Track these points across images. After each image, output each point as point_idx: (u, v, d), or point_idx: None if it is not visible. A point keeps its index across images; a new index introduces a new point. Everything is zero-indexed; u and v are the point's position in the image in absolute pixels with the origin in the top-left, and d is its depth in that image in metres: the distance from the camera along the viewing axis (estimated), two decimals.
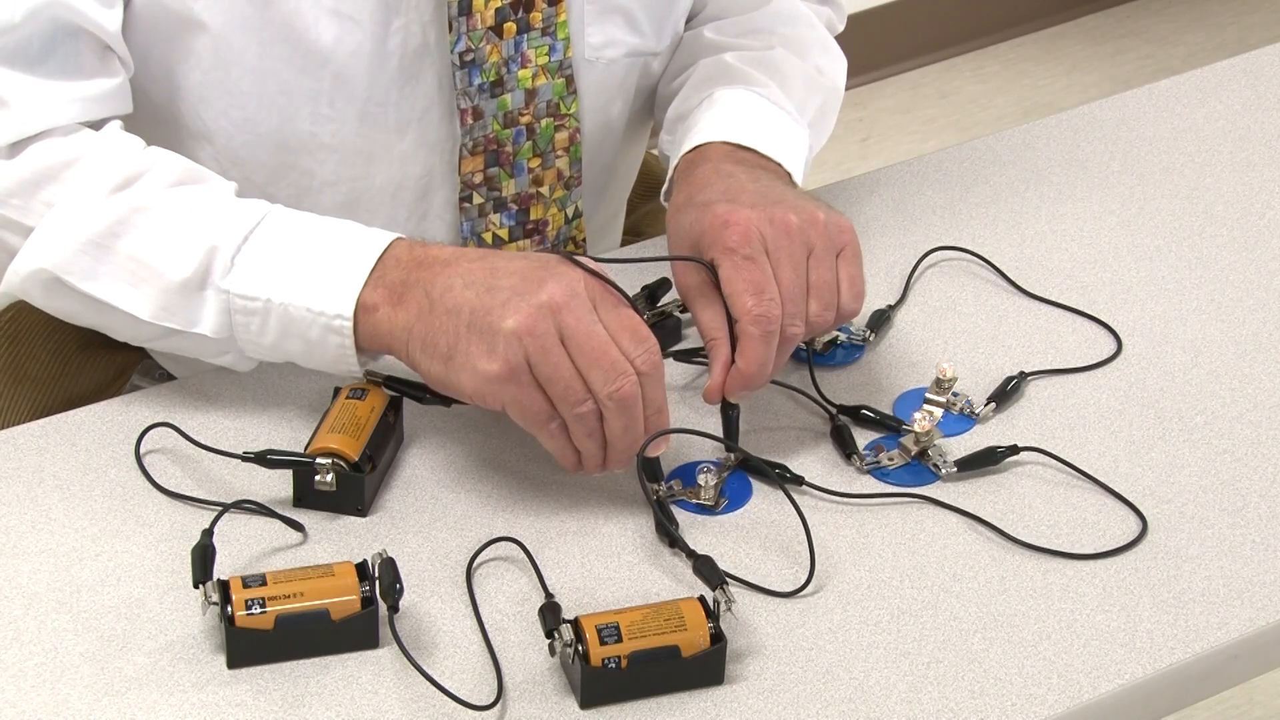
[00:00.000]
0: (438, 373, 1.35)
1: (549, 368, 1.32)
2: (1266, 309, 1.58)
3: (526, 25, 1.54)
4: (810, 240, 1.43)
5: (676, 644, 1.24)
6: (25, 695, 1.23)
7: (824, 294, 1.43)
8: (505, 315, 1.32)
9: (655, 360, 1.34)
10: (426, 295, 1.36)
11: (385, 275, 1.38)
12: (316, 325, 1.39)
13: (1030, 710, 1.25)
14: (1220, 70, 1.88)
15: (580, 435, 1.34)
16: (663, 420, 1.36)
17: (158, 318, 1.42)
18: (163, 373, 1.67)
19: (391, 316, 1.37)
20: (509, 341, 1.32)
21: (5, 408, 1.67)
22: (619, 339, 1.33)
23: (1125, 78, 3.67)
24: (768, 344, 1.40)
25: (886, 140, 3.52)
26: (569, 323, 1.32)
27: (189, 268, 1.40)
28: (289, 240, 1.41)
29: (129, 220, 1.41)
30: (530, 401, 1.33)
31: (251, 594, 1.25)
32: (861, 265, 1.45)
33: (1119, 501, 1.40)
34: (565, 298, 1.32)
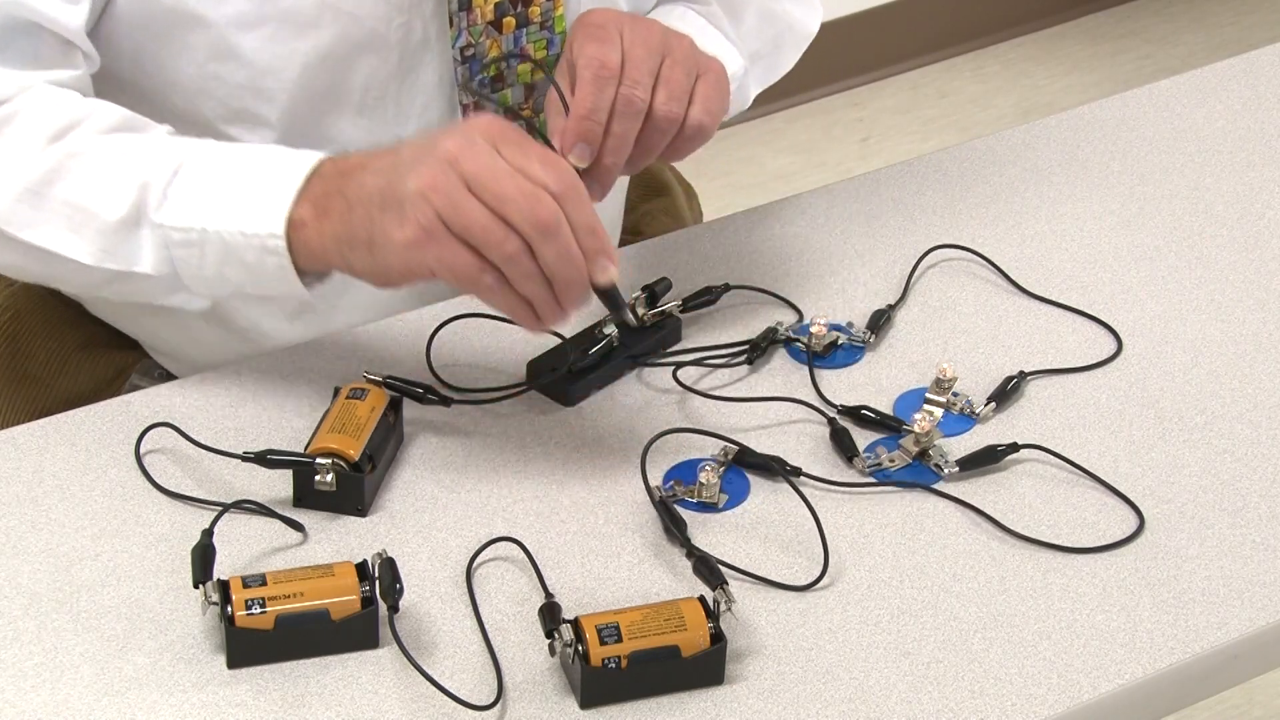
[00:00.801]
0: (366, 264, 1.35)
1: (461, 216, 1.30)
2: (1266, 309, 1.58)
3: (525, 20, 1.54)
4: (671, 45, 1.43)
5: (676, 644, 1.24)
6: (25, 695, 1.23)
7: (674, 88, 1.42)
8: (407, 181, 1.32)
9: (569, 180, 1.32)
10: (344, 198, 1.36)
11: (312, 190, 1.38)
12: (252, 248, 1.39)
13: (1030, 710, 1.25)
14: (1220, 70, 1.88)
15: (519, 279, 1.32)
16: (598, 240, 1.33)
17: (99, 260, 1.42)
18: (162, 372, 1.67)
19: (320, 228, 1.37)
20: (415, 203, 1.31)
21: (4, 407, 1.67)
22: (527, 169, 1.31)
23: (1125, 78, 3.67)
24: (600, 89, 1.39)
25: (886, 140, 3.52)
26: (470, 168, 1.31)
27: (123, 206, 1.40)
28: (219, 169, 1.41)
29: (63, 167, 1.41)
30: (455, 258, 1.31)
31: (251, 594, 1.25)
32: (723, 98, 1.45)
33: (1119, 499, 1.40)
34: (461, 146, 1.31)
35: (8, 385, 1.68)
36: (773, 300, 1.57)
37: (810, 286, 1.59)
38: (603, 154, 1.42)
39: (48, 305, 1.69)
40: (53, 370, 1.68)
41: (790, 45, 1.69)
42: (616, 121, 1.41)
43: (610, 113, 1.41)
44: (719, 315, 1.56)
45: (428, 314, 1.54)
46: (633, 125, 1.42)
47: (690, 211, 1.90)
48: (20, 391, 1.68)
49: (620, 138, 1.41)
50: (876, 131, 3.54)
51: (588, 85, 1.40)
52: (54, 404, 1.65)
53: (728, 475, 1.41)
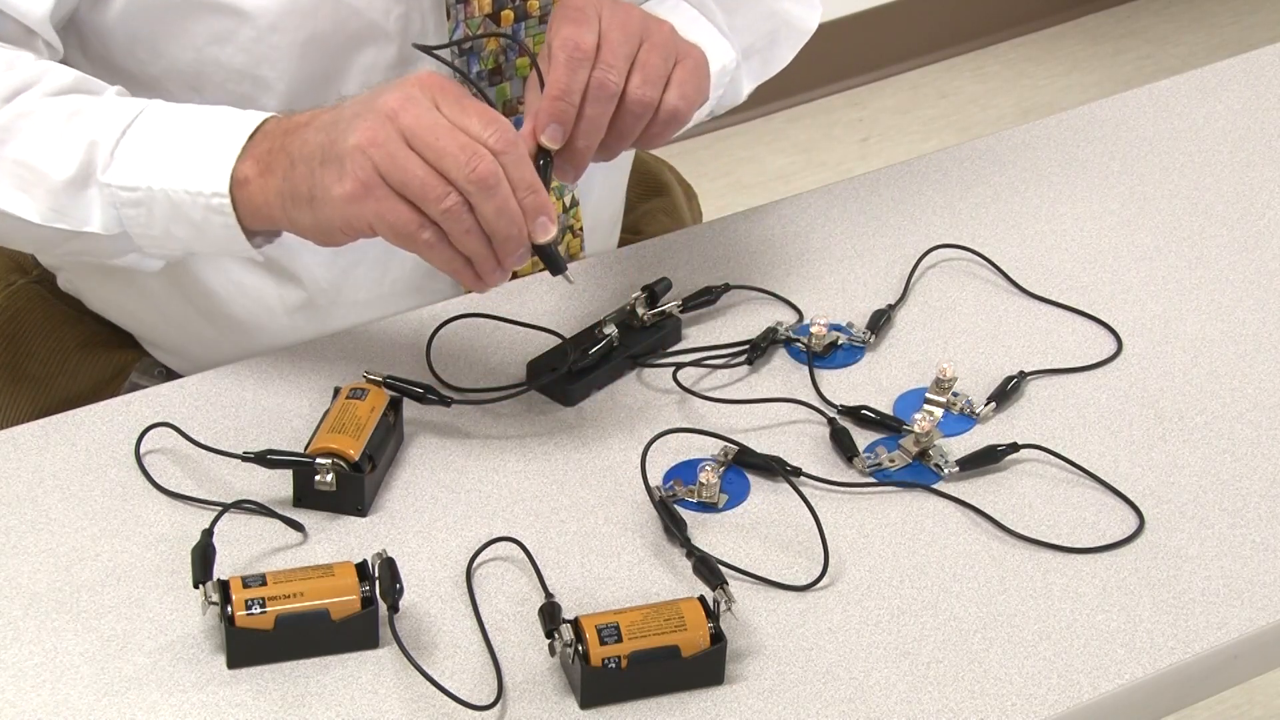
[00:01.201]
0: (309, 221, 1.36)
1: (399, 171, 1.31)
2: (1266, 309, 1.58)
3: (524, 13, 1.54)
4: (649, 30, 1.44)
5: (676, 644, 1.24)
6: (25, 695, 1.23)
7: (649, 73, 1.43)
8: (347, 137, 1.32)
9: (509, 137, 1.32)
10: (287, 155, 1.37)
11: (256, 148, 1.39)
12: (197, 206, 1.39)
13: (1030, 710, 1.25)
14: (1220, 70, 1.88)
15: (458, 234, 1.32)
16: (540, 200, 1.33)
17: (48, 219, 1.42)
18: (162, 370, 1.67)
19: (263, 186, 1.38)
20: (354, 158, 1.32)
21: (4, 406, 1.67)
22: (466, 126, 1.32)
23: (1125, 78, 3.67)
24: (573, 71, 1.39)
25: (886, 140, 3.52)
26: (408, 123, 1.31)
27: (72, 166, 1.41)
28: (166, 128, 1.41)
29: (13, 126, 1.42)
30: (394, 213, 1.32)
31: (251, 594, 1.25)
32: (699, 85, 1.45)
33: (1119, 499, 1.40)
34: (401, 101, 1.32)
35: (7, 385, 1.68)
36: (773, 300, 1.57)
37: (810, 286, 1.59)
38: (575, 136, 1.41)
39: (47, 304, 1.70)
40: (52, 370, 1.68)
41: (786, 41, 1.69)
42: (589, 104, 1.41)
43: (584, 95, 1.41)
44: (719, 315, 1.56)
45: (428, 314, 1.54)
46: (605, 108, 1.41)
47: (690, 211, 1.90)
48: (20, 391, 1.68)
49: (593, 120, 1.41)
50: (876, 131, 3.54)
51: (561, 67, 1.40)
52: (54, 403, 1.65)
53: (728, 475, 1.41)
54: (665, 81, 1.43)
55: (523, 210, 1.33)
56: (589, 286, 1.58)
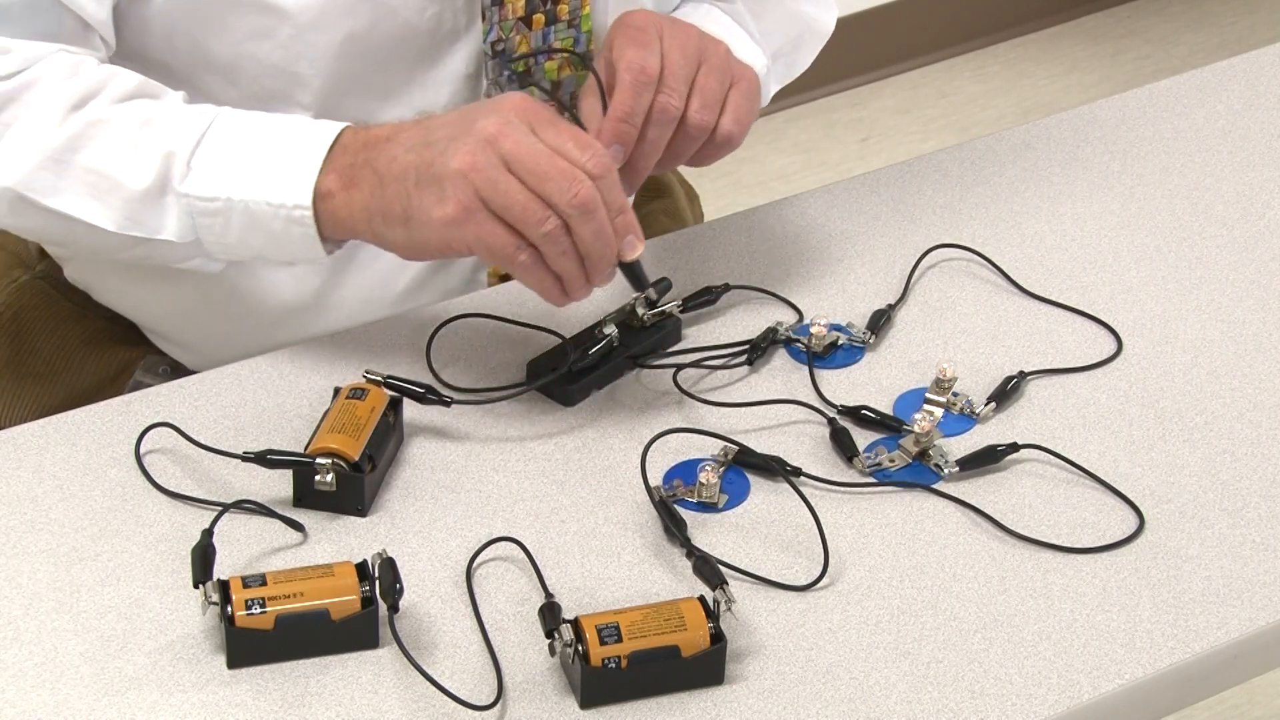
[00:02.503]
0: (402, 239, 1.38)
1: (501, 196, 1.34)
2: (1266, 309, 1.58)
3: (554, 17, 1.56)
4: (706, 52, 1.47)
5: (676, 644, 1.24)
6: (25, 695, 1.23)
7: (707, 97, 1.46)
8: (447, 160, 1.35)
9: (604, 162, 1.36)
10: (374, 171, 1.39)
11: (336, 161, 1.41)
12: (278, 218, 1.41)
13: (1030, 710, 1.25)
14: (1220, 70, 1.88)
15: (554, 256, 1.35)
16: (629, 221, 1.37)
17: (122, 227, 1.44)
18: (166, 368, 1.67)
19: (348, 200, 1.40)
20: (455, 182, 1.34)
21: (8, 403, 1.67)
22: (563, 150, 1.35)
23: (1125, 78, 3.67)
24: (638, 94, 1.43)
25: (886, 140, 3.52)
26: (509, 148, 1.34)
27: (148, 176, 1.42)
28: (241, 138, 1.43)
29: (86, 134, 1.43)
30: (493, 236, 1.35)
31: (251, 594, 1.25)
32: (754, 108, 1.49)
33: (1119, 499, 1.40)
34: (500, 126, 1.35)
35: (11, 382, 1.68)
36: (773, 300, 1.57)
37: (810, 286, 1.59)
38: (635, 157, 1.46)
39: (51, 300, 1.70)
40: (56, 367, 1.68)
41: (809, 44, 1.72)
42: (651, 127, 1.45)
43: (646, 118, 1.45)
44: (719, 315, 1.56)
45: (428, 314, 1.54)
46: (666, 131, 1.45)
47: (692, 213, 1.90)
48: (24, 388, 1.68)
49: (653, 143, 1.45)
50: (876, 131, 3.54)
51: (627, 90, 1.44)
52: (57, 401, 1.65)
53: (728, 475, 1.41)
54: (721, 104, 1.47)
55: (614, 230, 1.36)
56: None
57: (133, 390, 1.60)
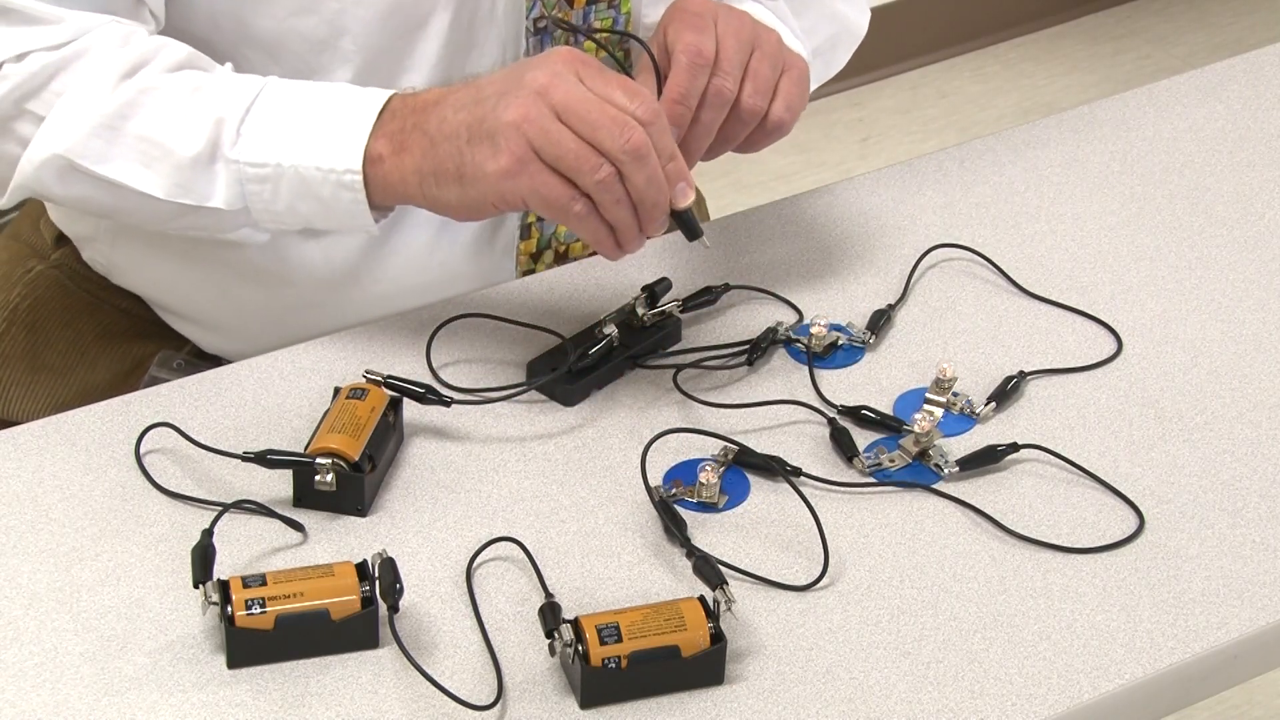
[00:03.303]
0: (456, 197, 1.40)
1: (554, 145, 1.35)
2: (1266, 309, 1.58)
3: None
4: (760, 39, 1.48)
5: (676, 644, 1.24)
6: (25, 695, 1.23)
7: (760, 83, 1.48)
8: (499, 114, 1.36)
9: (654, 108, 1.37)
10: (424, 134, 1.40)
11: (386, 126, 1.42)
12: (328, 183, 1.42)
13: (1030, 710, 1.25)
14: (1220, 70, 1.88)
15: (609, 204, 1.37)
16: (680, 168, 1.39)
17: (172, 194, 1.45)
18: (181, 362, 1.67)
19: (399, 164, 1.41)
20: (508, 134, 1.36)
21: (23, 396, 1.68)
22: (612, 98, 1.36)
23: (1125, 78, 3.67)
24: (694, 77, 1.45)
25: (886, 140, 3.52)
26: (559, 99, 1.35)
27: (198, 143, 1.43)
28: (291, 105, 1.44)
29: (137, 101, 1.44)
30: (548, 186, 1.36)
31: (251, 594, 1.25)
32: (804, 95, 1.50)
33: (1119, 499, 1.40)
34: (549, 78, 1.36)
35: (26, 374, 1.68)
36: (773, 300, 1.57)
37: (810, 286, 1.59)
38: (688, 139, 1.47)
39: (66, 292, 1.69)
40: (71, 360, 1.68)
41: (845, 44, 1.74)
42: (705, 110, 1.46)
43: (700, 101, 1.46)
44: (719, 315, 1.56)
45: (427, 314, 1.54)
46: (720, 114, 1.47)
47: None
48: (38, 381, 1.68)
49: (706, 125, 1.47)
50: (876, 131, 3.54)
51: (683, 72, 1.45)
52: (71, 395, 1.65)
53: (728, 475, 1.41)
54: (773, 91, 1.48)
55: (666, 176, 1.38)
56: (588, 286, 1.58)
57: (148, 385, 1.60)
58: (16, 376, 1.68)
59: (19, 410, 1.67)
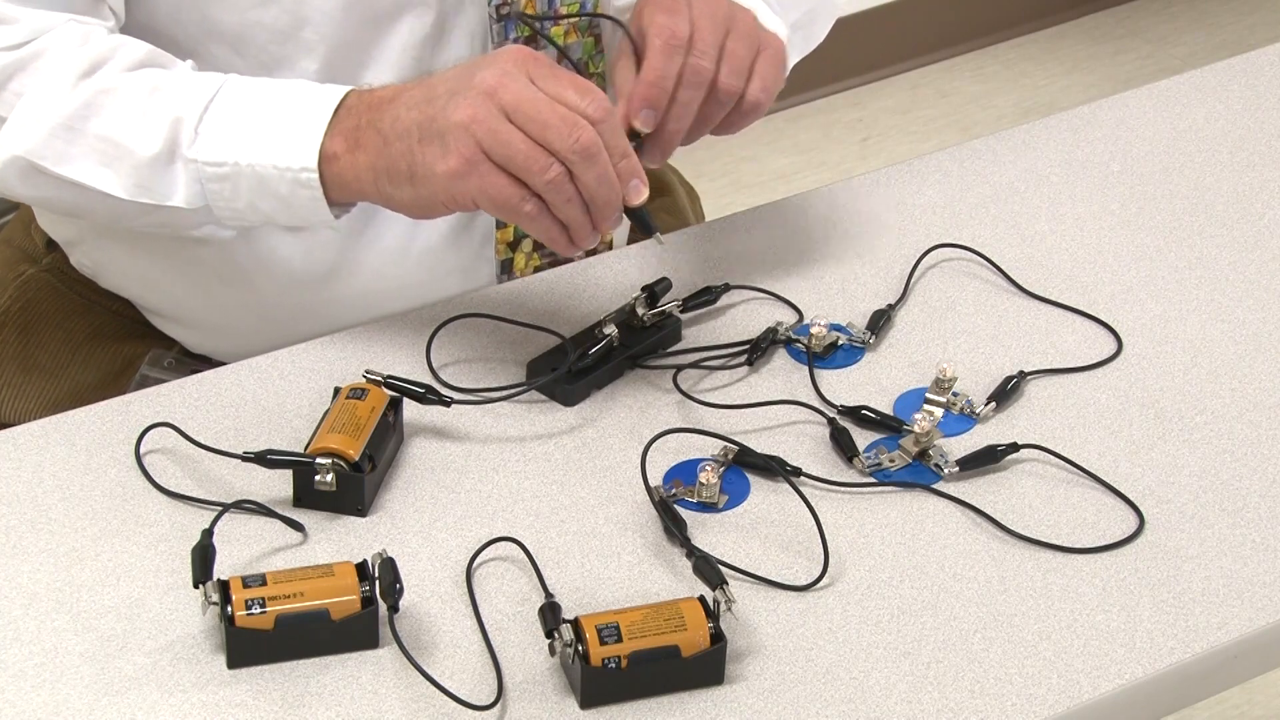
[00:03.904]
0: (409, 196, 1.40)
1: (503, 146, 1.35)
2: (1266, 309, 1.58)
3: None
4: (734, 19, 1.49)
5: (676, 644, 1.24)
6: (25, 695, 1.23)
7: (736, 63, 1.48)
8: (448, 114, 1.36)
9: (605, 106, 1.37)
10: (378, 132, 1.40)
11: (342, 123, 1.42)
12: (284, 181, 1.42)
13: (1030, 710, 1.25)
14: (1220, 70, 1.88)
15: (559, 203, 1.36)
16: (632, 165, 1.39)
17: (132, 194, 1.45)
18: (171, 361, 1.67)
19: (354, 161, 1.41)
20: (457, 135, 1.36)
21: (15, 397, 1.68)
22: (563, 97, 1.36)
23: (1125, 78, 3.67)
24: (669, 57, 1.45)
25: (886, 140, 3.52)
26: (509, 99, 1.35)
27: (156, 143, 1.44)
28: (248, 103, 1.44)
29: (95, 102, 1.44)
30: (497, 187, 1.36)
31: (251, 594, 1.25)
32: (780, 75, 1.50)
33: (1119, 499, 1.40)
34: (499, 78, 1.36)
35: (18, 375, 1.68)
36: (773, 300, 1.57)
37: (810, 286, 1.59)
38: (667, 120, 1.47)
39: (57, 294, 1.70)
40: (63, 360, 1.68)
41: (823, 18, 1.74)
42: (682, 90, 1.46)
43: (677, 81, 1.46)
44: (719, 315, 1.56)
45: (427, 314, 1.54)
46: (697, 94, 1.47)
47: (693, 212, 1.90)
48: (30, 381, 1.68)
49: (685, 105, 1.47)
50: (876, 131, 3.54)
51: (658, 54, 1.46)
52: (63, 395, 1.66)
53: (728, 475, 1.41)
54: (749, 72, 1.48)
55: (618, 174, 1.37)
56: (588, 286, 1.58)
57: (139, 384, 1.60)
58: (9, 378, 1.69)
59: (11, 411, 1.67)
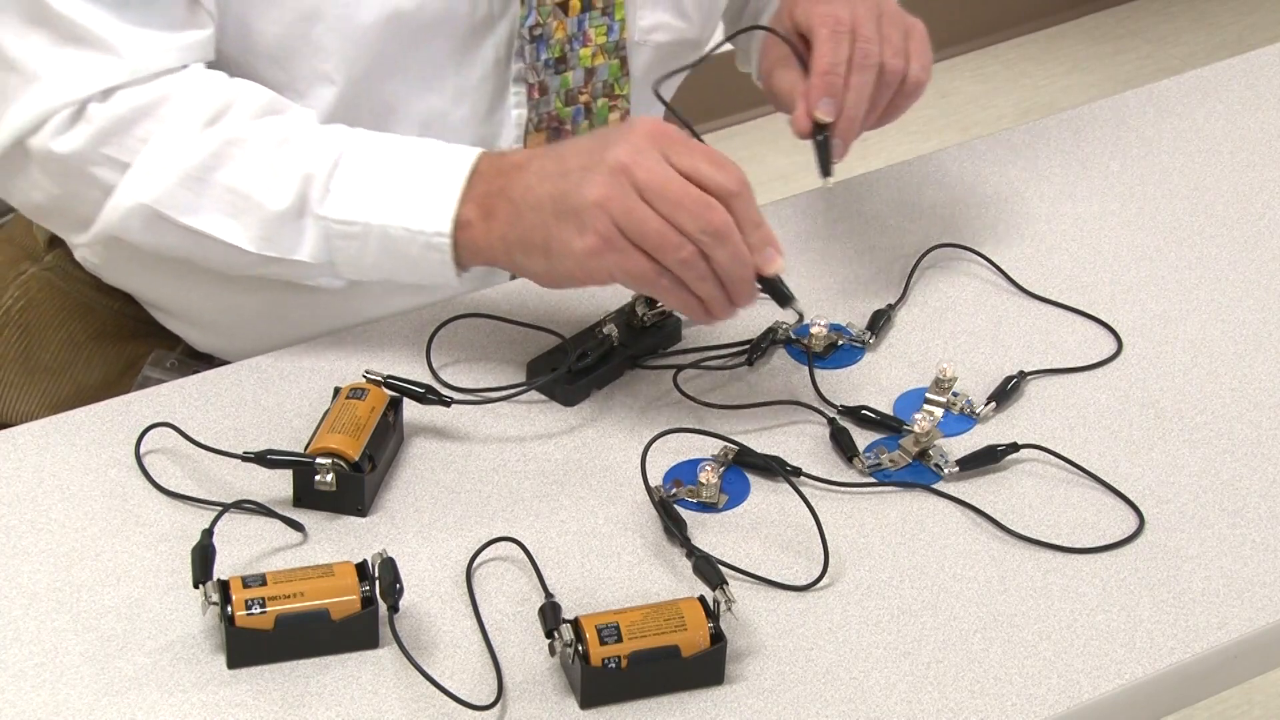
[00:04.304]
0: (542, 268, 1.41)
1: (637, 225, 1.36)
2: (1266, 309, 1.58)
3: (588, 4, 1.58)
4: (883, 4, 1.52)
5: (676, 644, 1.24)
6: (25, 695, 1.23)
7: (894, 45, 1.52)
8: (583, 191, 1.37)
9: (739, 178, 1.38)
10: (510, 201, 1.41)
11: (474, 189, 1.43)
12: (415, 243, 1.43)
13: (1030, 710, 1.25)
14: (1220, 70, 1.88)
15: (693, 280, 1.37)
16: (766, 234, 1.39)
17: (259, 247, 1.46)
18: (174, 361, 1.67)
19: (486, 230, 1.42)
20: (593, 214, 1.36)
21: (17, 397, 1.68)
22: (697, 172, 1.37)
23: (1125, 78, 3.67)
24: (838, 44, 1.48)
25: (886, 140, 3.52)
26: (642, 176, 1.36)
27: (286, 197, 1.44)
28: (379, 162, 1.45)
29: (223, 153, 1.45)
30: (634, 265, 1.37)
31: (251, 594, 1.25)
32: (929, 55, 1.54)
33: (1119, 499, 1.40)
34: (632, 155, 1.37)
35: (21, 376, 1.68)
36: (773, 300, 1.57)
37: (810, 286, 1.59)
38: (845, 106, 1.50)
39: (59, 293, 1.69)
40: (64, 360, 1.68)
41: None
42: (855, 74, 1.49)
43: (848, 67, 1.49)
44: None
45: (428, 314, 1.54)
46: (869, 76, 1.50)
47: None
48: (33, 382, 1.68)
49: (860, 89, 1.49)
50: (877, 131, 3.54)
51: (826, 42, 1.48)
52: (66, 395, 1.65)
53: (728, 475, 1.41)
54: (906, 53, 1.52)
55: (751, 246, 1.38)
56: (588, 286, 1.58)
57: (141, 385, 1.60)
58: (11, 378, 1.68)
59: (14, 411, 1.67)
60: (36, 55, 1.45)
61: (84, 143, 1.45)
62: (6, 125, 1.47)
